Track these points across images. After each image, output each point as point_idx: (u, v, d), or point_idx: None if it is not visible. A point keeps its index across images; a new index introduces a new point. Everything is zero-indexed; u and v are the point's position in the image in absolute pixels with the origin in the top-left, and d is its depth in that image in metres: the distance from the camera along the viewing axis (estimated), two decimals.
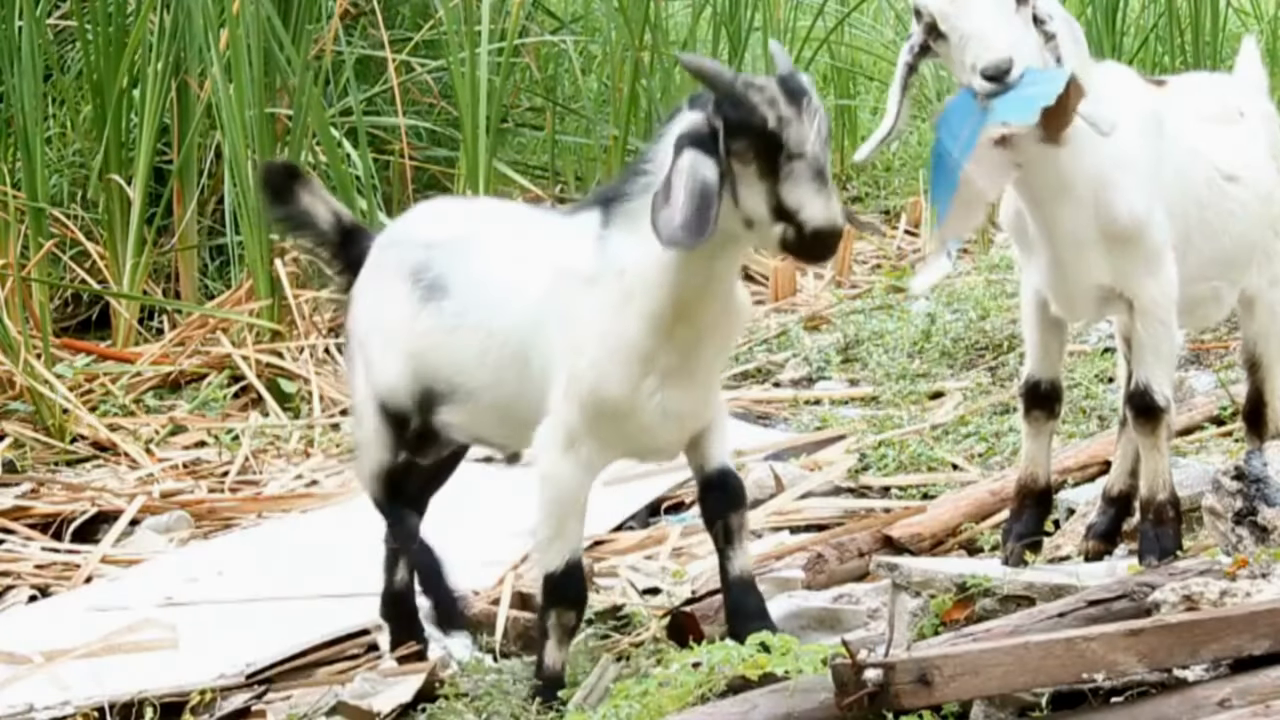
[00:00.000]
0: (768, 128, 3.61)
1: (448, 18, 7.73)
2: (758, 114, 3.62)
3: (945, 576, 4.08)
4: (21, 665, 4.58)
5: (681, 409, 3.82)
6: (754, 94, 3.64)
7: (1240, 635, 3.47)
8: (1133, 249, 4.11)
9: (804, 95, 3.65)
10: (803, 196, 3.59)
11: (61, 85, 8.24)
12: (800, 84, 3.67)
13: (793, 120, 3.62)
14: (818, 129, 3.63)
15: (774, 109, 3.62)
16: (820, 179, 3.60)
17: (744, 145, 3.63)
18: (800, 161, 3.61)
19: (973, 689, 3.39)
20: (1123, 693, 3.54)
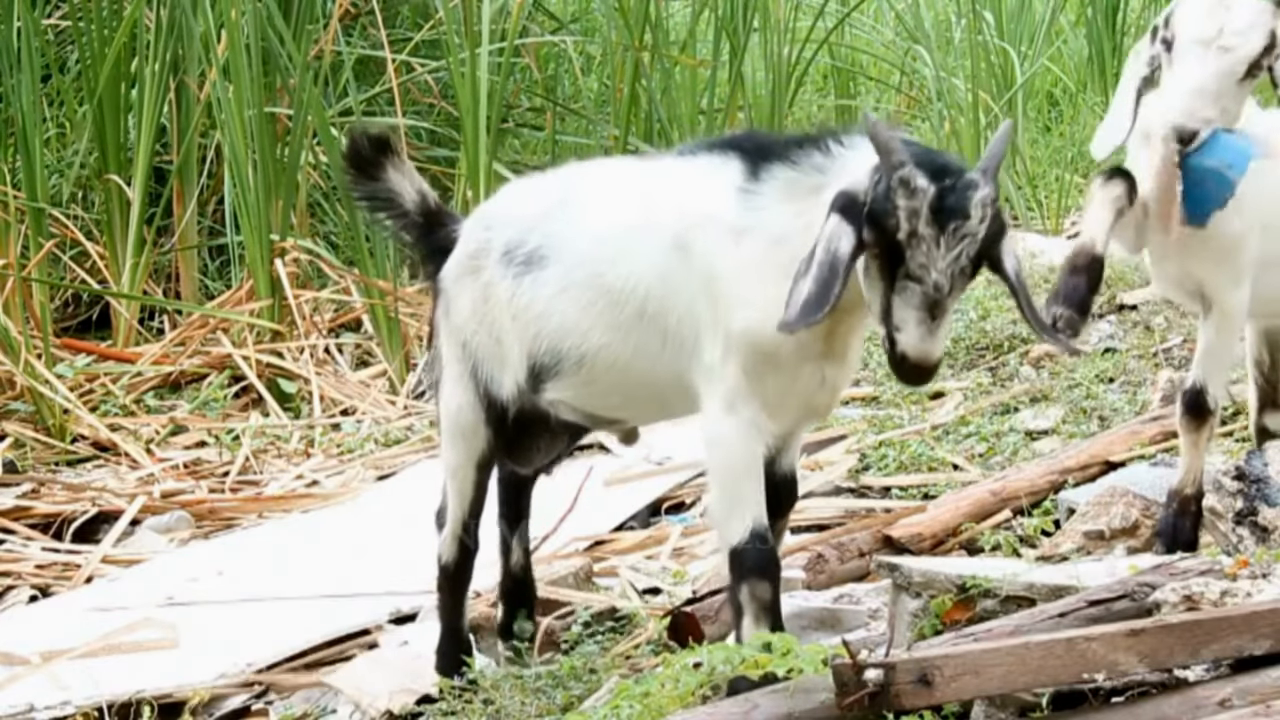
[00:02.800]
0: (896, 237, 3.37)
1: (448, 18, 7.73)
2: (892, 219, 3.37)
3: (945, 576, 4.08)
4: (21, 665, 4.58)
5: (835, 377, 3.71)
6: (901, 194, 3.36)
7: (1241, 635, 3.47)
8: (1225, 260, 4.26)
9: (957, 217, 3.37)
10: (906, 318, 3.38)
11: (61, 85, 8.24)
12: (961, 203, 3.37)
13: (926, 241, 3.36)
14: (955, 258, 3.37)
15: (911, 221, 3.37)
16: (930, 309, 3.37)
17: (874, 239, 3.39)
18: (916, 285, 3.38)
19: (973, 689, 3.39)
20: (1123, 693, 3.54)
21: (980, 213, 3.37)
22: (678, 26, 9.62)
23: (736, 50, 8.72)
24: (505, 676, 4.16)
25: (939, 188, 3.36)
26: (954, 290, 3.38)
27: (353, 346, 7.51)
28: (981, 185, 3.40)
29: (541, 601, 4.68)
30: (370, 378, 7.24)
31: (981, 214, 3.37)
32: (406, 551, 5.19)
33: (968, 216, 3.37)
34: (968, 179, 3.39)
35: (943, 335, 3.41)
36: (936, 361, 3.42)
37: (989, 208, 3.39)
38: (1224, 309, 4.30)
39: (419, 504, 5.63)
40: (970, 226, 3.37)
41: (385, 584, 4.93)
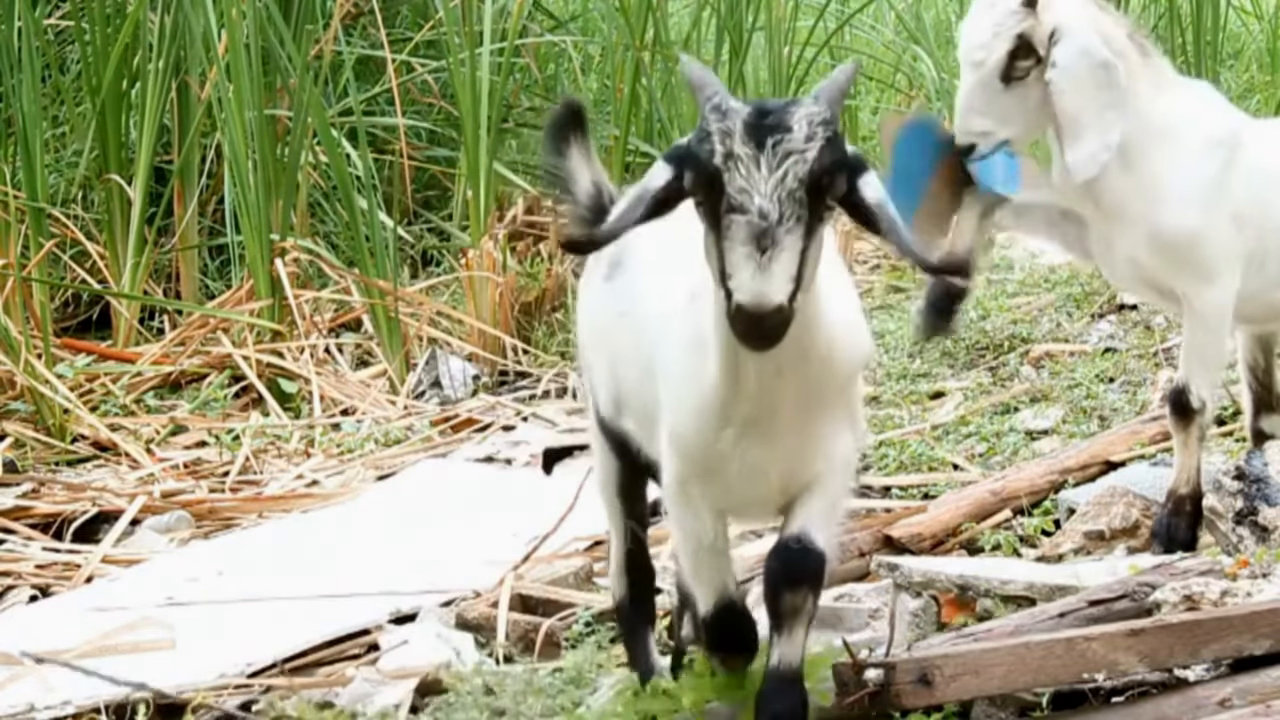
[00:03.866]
0: (713, 162, 2.98)
1: (448, 18, 7.73)
2: (706, 145, 3.00)
3: (945, 576, 4.08)
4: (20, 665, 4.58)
5: (769, 464, 3.26)
6: (714, 118, 3.02)
7: (1241, 635, 3.47)
8: (1185, 257, 4.28)
9: (774, 134, 2.98)
10: (735, 261, 2.94)
11: (61, 85, 8.24)
12: (781, 118, 3.01)
13: (744, 162, 2.97)
14: (781, 179, 2.96)
15: (725, 142, 2.99)
16: (758, 241, 2.93)
17: (694, 180, 3.02)
18: (739, 217, 2.95)
19: (973, 689, 3.39)
20: (1123, 692, 3.54)
21: (806, 129, 2.98)
22: (678, 26, 9.62)
23: (737, 50, 8.72)
24: (505, 676, 4.16)
25: (755, 107, 3.02)
26: (785, 219, 2.94)
27: (353, 346, 7.51)
28: (808, 103, 3.03)
29: (541, 601, 4.68)
30: (370, 378, 7.24)
31: (808, 130, 2.98)
32: (406, 551, 5.19)
33: (789, 130, 2.98)
34: (792, 100, 3.07)
35: (781, 276, 2.93)
36: (775, 308, 2.93)
37: (818, 125, 2.99)
38: (1197, 307, 4.30)
39: (419, 504, 5.64)
40: (793, 141, 2.97)
41: (385, 584, 4.92)
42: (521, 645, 4.51)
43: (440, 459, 6.24)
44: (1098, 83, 4.17)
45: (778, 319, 2.92)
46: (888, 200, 3.06)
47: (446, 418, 6.77)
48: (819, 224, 2.99)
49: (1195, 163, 4.27)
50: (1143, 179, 4.24)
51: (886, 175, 4.16)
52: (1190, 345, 4.35)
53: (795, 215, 2.95)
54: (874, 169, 3.07)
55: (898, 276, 8.02)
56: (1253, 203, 4.34)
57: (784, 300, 2.91)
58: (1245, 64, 9.80)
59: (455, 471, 6.00)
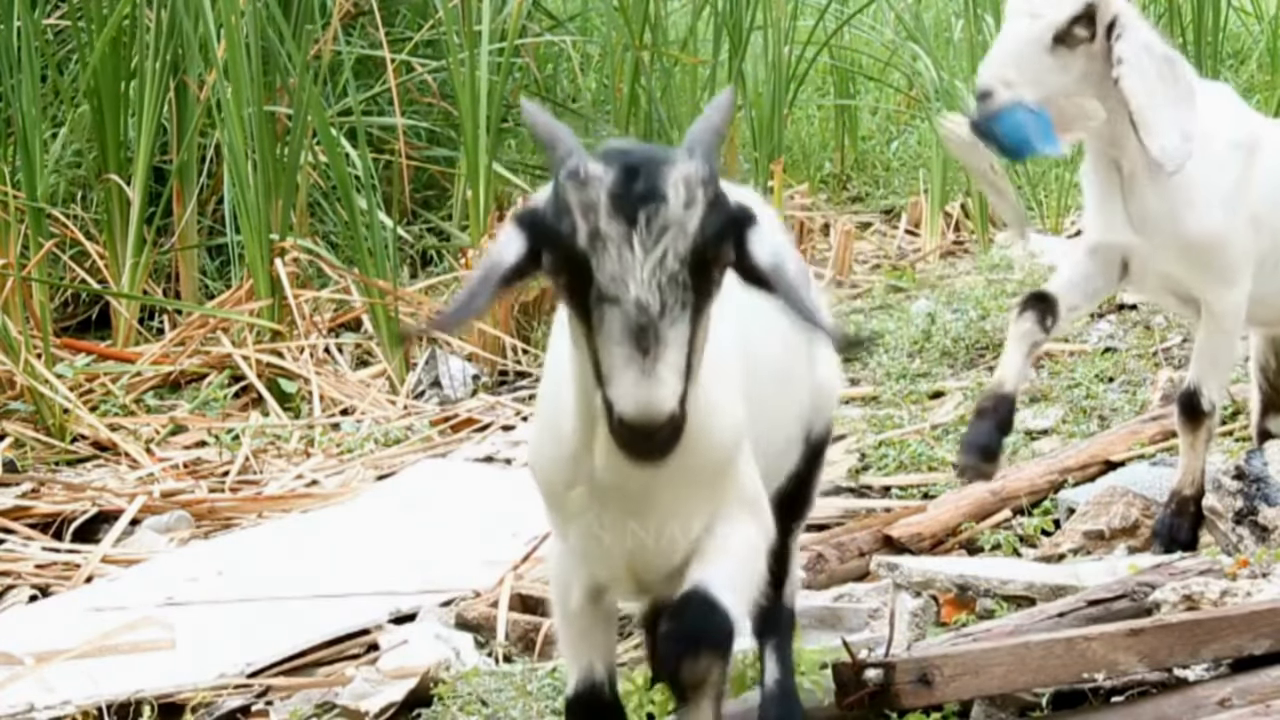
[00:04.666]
0: (576, 245, 2.51)
1: (447, 17, 7.72)
2: (566, 220, 2.52)
3: (945, 576, 4.08)
4: (20, 665, 4.58)
5: (633, 542, 2.84)
6: (571, 187, 2.53)
7: (1240, 635, 3.47)
8: (1209, 261, 4.28)
9: (646, 204, 2.50)
10: (613, 364, 2.48)
11: (61, 85, 8.24)
12: (652, 184, 2.52)
13: (613, 242, 2.50)
14: (660, 260, 2.49)
15: (589, 218, 2.52)
16: (638, 340, 2.46)
17: (553, 262, 2.56)
18: (613, 310, 2.48)
19: (973, 689, 3.39)
20: (1123, 692, 3.54)
21: (683, 193, 2.51)
22: (677, 26, 9.62)
23: (736, 49, 8.72)
24: (503, 677, 4.16)
25: (620, 169, 2.52)
26: (669, 308, 2.48)
27: (352, 346, 7.51)
28: (680, 161, 2.55)
29: (541, 601, 4.68)
30: (370, 377, 7.24)
31: (686, 195, 2.51)
32: (406, 551, 5.19)
33: (663, 199, 2.50)
34: (660, 156, 2.56)
35: (670, 378, 2.47)
36: (666, 419, 2.47)
37: (697, 187, 2.52)
38: (1215, 310, 4.30)
39: (419, 504, 5.64)
40: (671, 213, 2.50)
41: (385, 584, 4.92)
42: (521, 645, 4.50)
43: (440, 459, 6.24)
44: (1164, 76, 4.14)
45: (669, 430, 2.47)
46: (782, 260, 2.64)
47: (446, 417, 6.77)
48: (706, 304, 2.54)
49: (1218, 166, 4.26)
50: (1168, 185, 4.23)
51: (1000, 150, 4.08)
52: (1204, 348, 4.35)
53: (680, 301, 2.48)
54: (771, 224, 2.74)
55: (897, 276, 8.02)
56: (1271, 205, 4.34)
57: (675, 406, 2.46)
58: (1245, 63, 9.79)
59: (455, 471, 6.00)
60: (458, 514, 5.51)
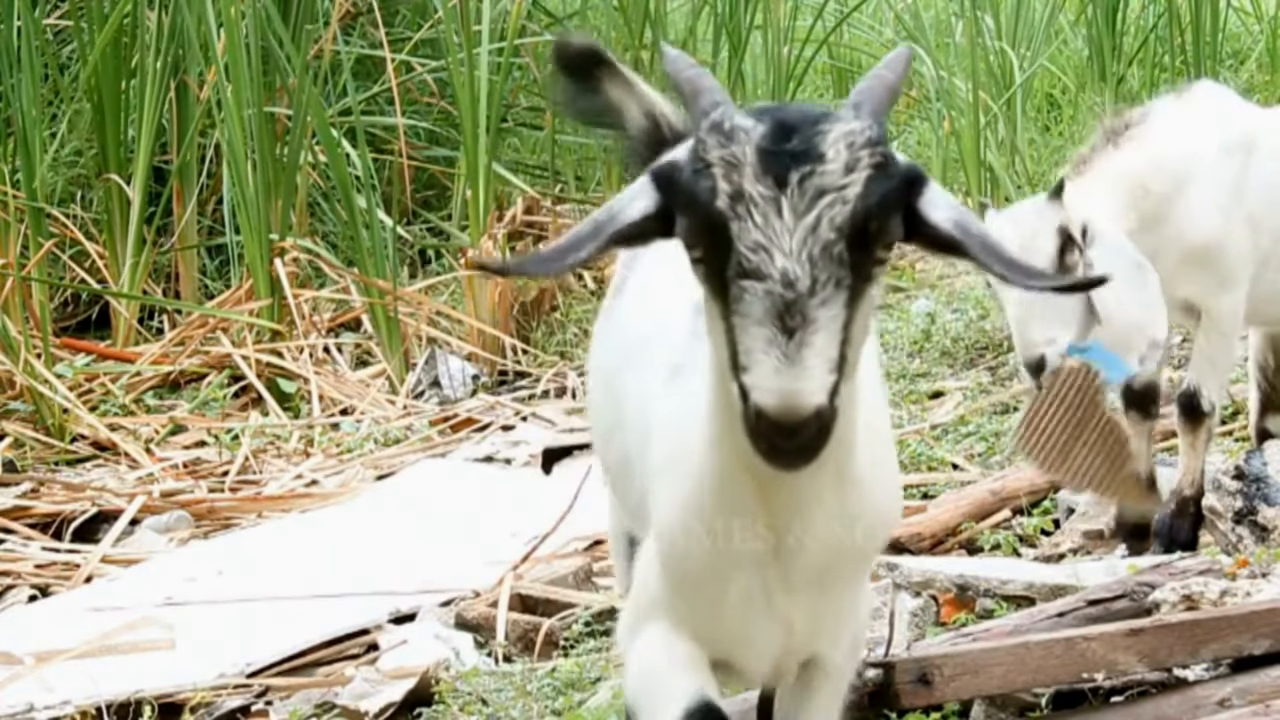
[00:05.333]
0: (712, 206, 2.16)
1: (447, 17, 7.72)
2: (705, 180, 2.17)
3: (945, 576, 4.08)
4: (19, 665, 4.58)
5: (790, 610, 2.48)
6: (714, 141, 2.18)
7: (1240, 635, 3.47)
8: (1209, 264, 4.30)
9: (801, 164, 2.15)
10: (752, 346, 2.13)
11: (61, 85, 8.24)
12: (809, 141, 2.17)
13: (759, 206, 2.14)
14: (813, 227, 2.14)
15: (732, 178, 2.16)
16: (786, 321, 2.12)
17: (686, 226, 2.21)
18: (755, 285, 2.14)
19: (973, 689, 3.39)
20: (1123, 692, 3.54)
21: (844, 155, 2.16)
22: (677, 25, 9.62)
23: (736, 49, 8.72)
24: (504, 678, 4.16)
25: (772, 124, 2.18)
26: (820, 285, 2.13)
27: (352, 346, 7.51)
28: (844, 119, 2.19)
29: (541, 601, 4.68)
30: (370, 377, 7.24)
31: (849, 157, 2.16)
32: (406, 551, 5.19)
33: (821, 158, 2.15)
34: (820, 113, 2.22)
35: (818, 366, 2.12)
36: (812, 412, 2.12)
37: (862, 150, 2.17)
38: (1214, 313, 4.33)
39: (419, 504, 5.64)
40: (829, 175, 2.15)
41: (385, 584, 4.92)
42: (521, 645, 4.50)
43: (440, 459, 6.24)
44: (1133, 284, 4.15)
45: (815, 427, 2.12)
46: (970, 216, 2.26)
47: (446, 417, 6.77)
48: (866, 286, 2.18)
49: (1212, 171, 4.27)
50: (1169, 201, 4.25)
51: None
52: (1203, 349, 4.37)
53: (834, 279, 2.14)
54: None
55: (897, 276, 8.02)
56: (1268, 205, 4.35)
57: (823, 400, 2.11)
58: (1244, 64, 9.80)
59: (455, 471, 6.00)
60: (458, 514, 5.51)
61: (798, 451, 2.14)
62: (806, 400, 2.10)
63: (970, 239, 2.24)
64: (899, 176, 2.19)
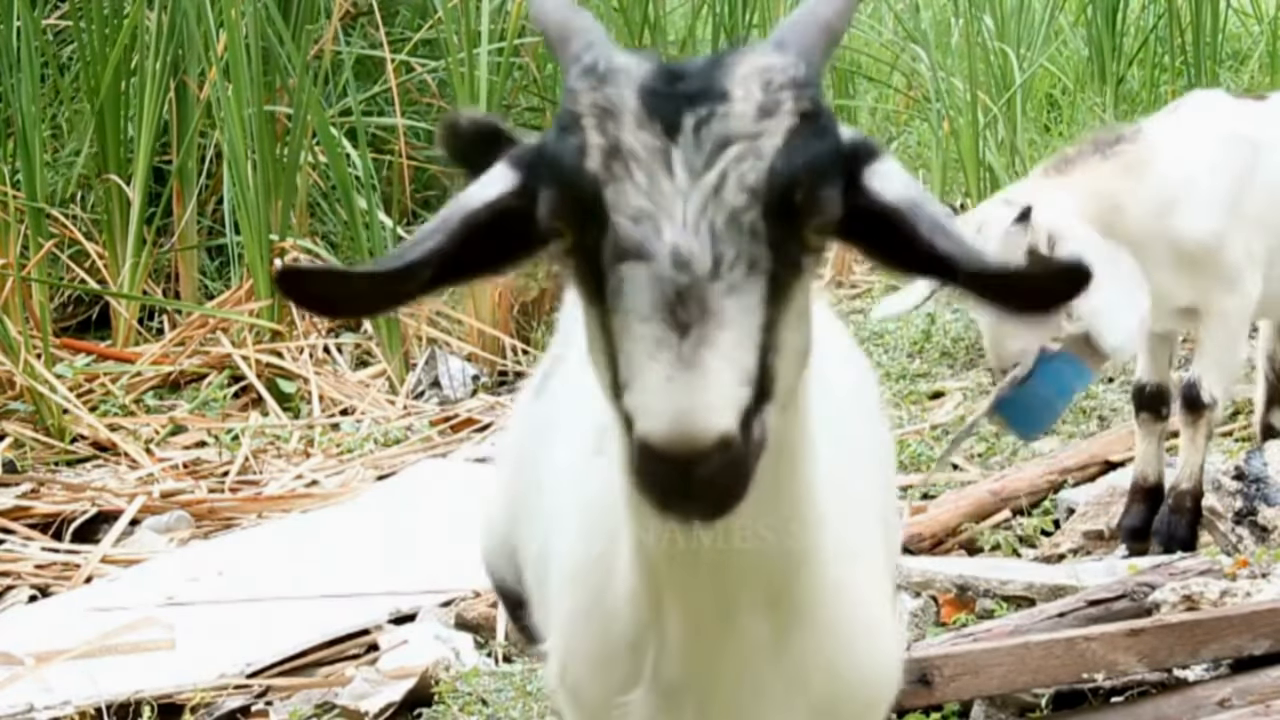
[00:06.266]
0: (581, 170, 1.64)
1: (447, 17, 7.72)
2: (573, 135, 1.65)
3: (945, 577, 4.08)
4: (19, 665, 4.58)
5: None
6: (582, 86, 1.68)
7: (1240, 635, 3.48)
8: (1209, 266, 4.31)
9: (697, 105, 1.63)
10: (633, 351, 1.59)
11: (61, 85, 8.24)
12: (710, 78, 1.65)
13: (642, 163, 1.62)
14: (715, 187, 1.60)
15: (607, 128, 1.64)
16: (678, 313, 1.57)
17: (550, 200, 1.67)
18: (637, 268, 1.60)
19: (973, 689, 3.39)
20: (1123, 692, 3.54)
21: (759, 94, 1.63)
22: (676, 26, 9.62)
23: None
24: (504, 678, 4.16)
25: (660, 65, 1.68)
26: (725, 264, 1.58)
27: (352, 346, 7.51)
28: (764, 51, 1.68)
29: None
30: (369, 377, 7.24)
31: (764, 98, 1.63)
32: (406, 551, 5.19)
33: (724, 97, 1.62)
34: (729, 50, 1.70)
35: (723, 373, 1.55)
36: (715, 441, 1.53)
37: (782, 90, 1.64)
38: (1220, 314, 4.33)
39: (419, 504, 5.64)
40: (736, 119, 1.62)
41: (385, 584, 4.93)
42: (521, 645, 4.50)
43: (440, 459, 6.23)
44: (1107, 265, 4.16)
45: (721, 461, 1.53)
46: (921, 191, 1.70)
47: (446, 418, 6.77)
48: (793, 278, 1.63)
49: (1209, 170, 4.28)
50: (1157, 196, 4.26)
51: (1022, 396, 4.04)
52: (1207, 345, 4.39)
53: (746, 258, 1.59)
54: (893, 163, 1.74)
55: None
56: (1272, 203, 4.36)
57: (729, 423, 1.53)
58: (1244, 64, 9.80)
59: (455, 471, 6.00)
60: (458, 514, 5.51)
61: (699, 496, 1.54)
62: (705, 419, 1.52)
63: (925, 219, 1.66)
64: (834, 134, 1.67)
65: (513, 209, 1.72)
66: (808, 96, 1.67)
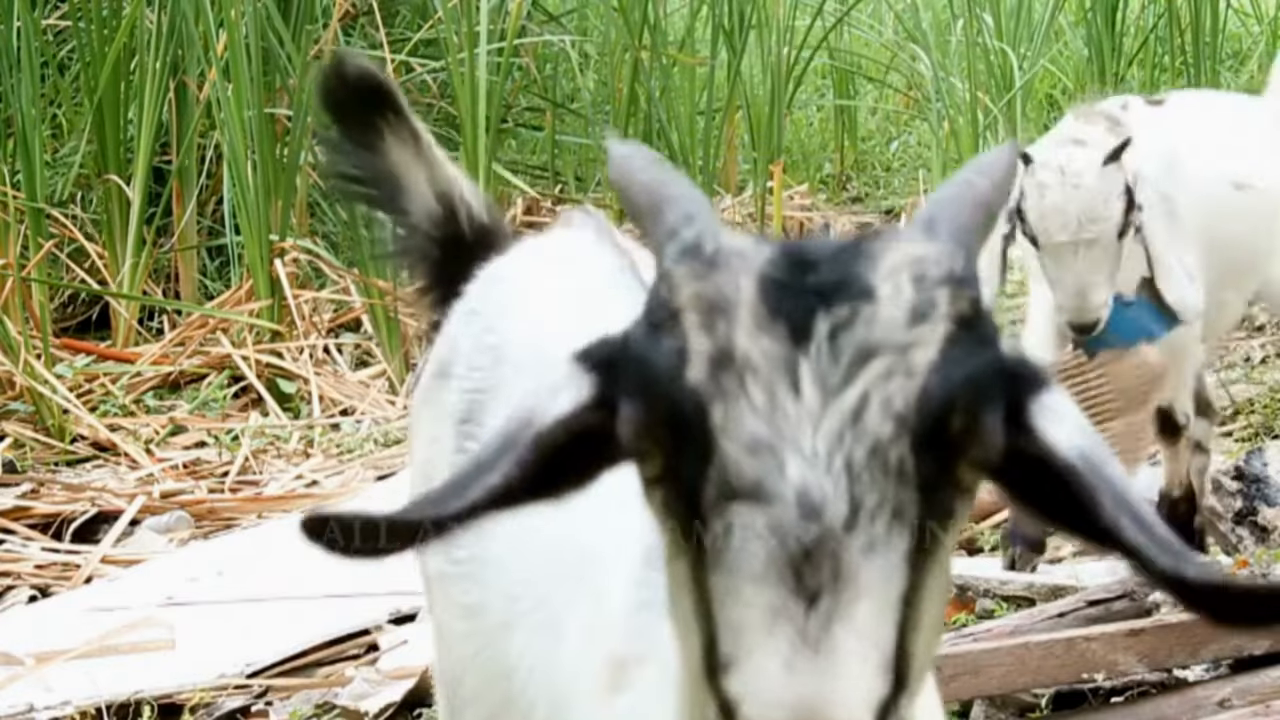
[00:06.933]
0: (679, 381, 1.28)
1: (447, 17, 7.73)
2: (667, 336, 1.30)
3: None
4: (19, 665, 4.58)
5: None
6: (685, 273, 1.32)
7: (1240, 635, 3.47)
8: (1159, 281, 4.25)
9: (833, 303, 1.28)
10: (742, 622, 1.24)
11: (61, 85, 8.24)
12: (848, 271, 1.30)
13: (759, 375, 1.27)
14: (851, 419, 1.26)
15: (714, 330, 1.29)
16: (804, 579, 1.23)
17: (634, 417, 1.31)
18: (751, 513, 1.25)
19: (973, 689, 3.39)
20: (1123, 693, 3.54)
21: (910, 292, 1.30)
22: (675, 26, 9.62)
23: (735, 50, 8.72)
24: None
25: (783, 248, 1.33)
26: (865, 515, 1.26)
27: (352, 346, 7.52)
28: (911, 237, 1.34)
29: None
30: (370, 378, 7.24)
31: (916, 297, 1.30)
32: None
33: (868, 295, 1.29)
34: (866, 236, 1.35)
35: (860, 662, 1.24)
36: None
37: (940, 285, 1.31)
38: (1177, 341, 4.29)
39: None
40: (883, 324, 1.28)
41: (385, 584, 4.92)
42: None
43: None
44: (1165, 217, 4.13)
45: None
46: (1105, 452, 1.34)
47: None
48: (944, 526, 1.30)
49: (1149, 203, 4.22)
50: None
51: None
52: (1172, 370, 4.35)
53: (891, 504, 1.26)
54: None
55: None
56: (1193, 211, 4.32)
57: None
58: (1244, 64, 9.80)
59: None
60: None
61: None
62: (834, 716, 1.21)
63: (1100, 484, 1.31)
64: (995, 346, 1.32)
65: (589, 424, 1.33)
66: (967, 296, 1.31)
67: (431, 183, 2.31)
